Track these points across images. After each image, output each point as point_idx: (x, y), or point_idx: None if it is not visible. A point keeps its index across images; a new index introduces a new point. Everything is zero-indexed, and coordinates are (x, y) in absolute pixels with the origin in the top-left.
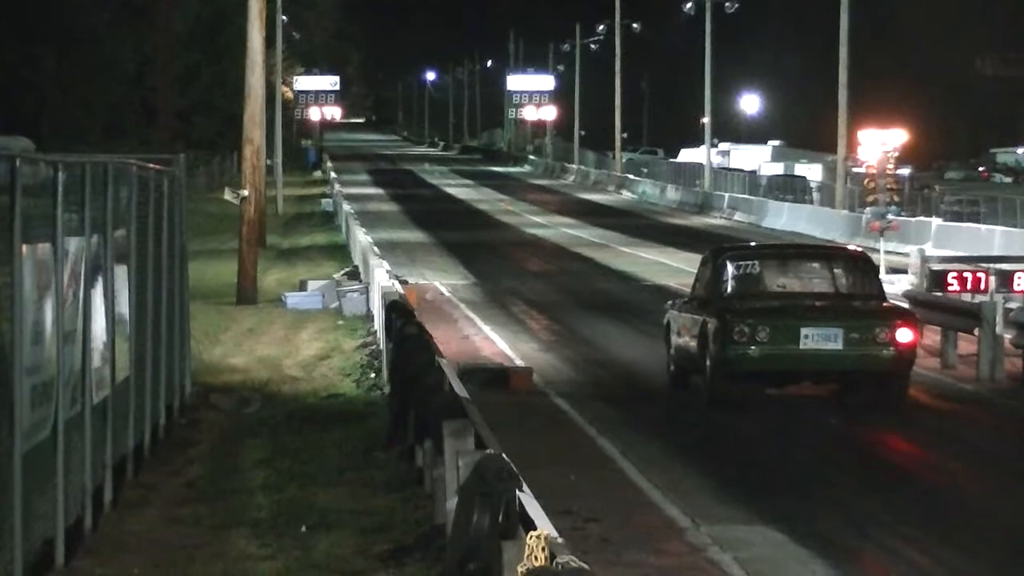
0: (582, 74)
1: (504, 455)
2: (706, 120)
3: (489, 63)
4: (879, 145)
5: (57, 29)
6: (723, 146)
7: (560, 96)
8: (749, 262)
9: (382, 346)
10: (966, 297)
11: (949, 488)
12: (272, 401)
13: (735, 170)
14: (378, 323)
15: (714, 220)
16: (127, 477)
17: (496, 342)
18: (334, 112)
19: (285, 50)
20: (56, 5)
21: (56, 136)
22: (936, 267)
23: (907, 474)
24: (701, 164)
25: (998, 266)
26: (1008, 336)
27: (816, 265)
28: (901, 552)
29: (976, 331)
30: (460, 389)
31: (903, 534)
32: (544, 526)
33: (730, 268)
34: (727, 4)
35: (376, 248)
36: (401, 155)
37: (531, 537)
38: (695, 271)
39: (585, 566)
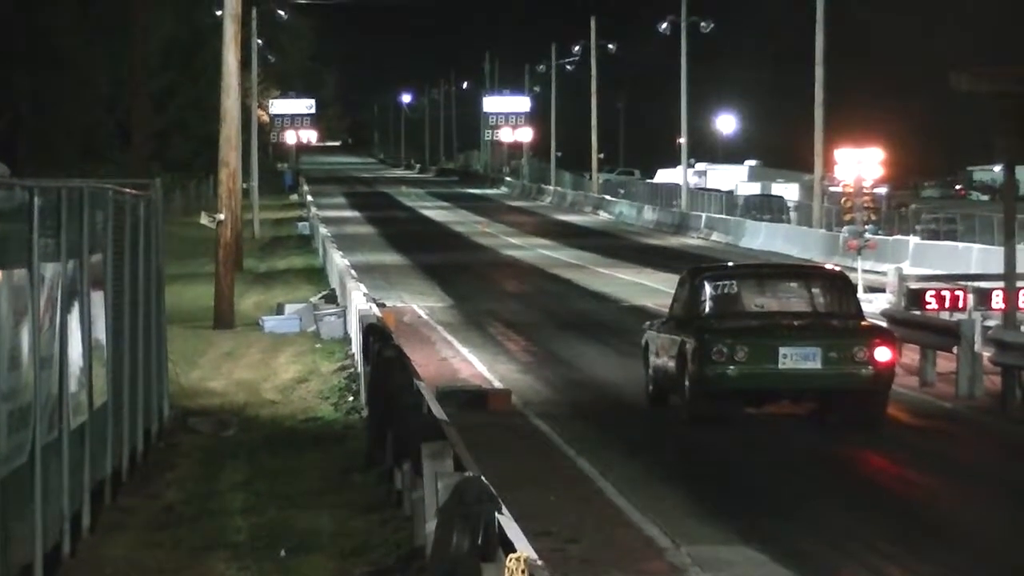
0: (558, 95)
1: (483, 477)
2: (682, 140)
3: (465, 84)
4: (855, 164)
5: (31, 50)
6: (700, 166)
7: (536, 117)
8: (727, 282)
9: (360, 369)
10: (944, 315)
11: (928, 505)
12: (250, 424)
13: (712, 190)
14: (356, 346)
15: (691, 240)
16: (105, 501)
17: (474, 364)
18: (310, 135)
19: (260, 73)
20: (29, 26)
21: (31, 159)
22: (914, 285)
23: (886, 492)
24: (678, 184)
25: (976, 284)
26: (986, 354)
27: (794, 284)
28: (881, 569)
29: (955, 349)
30: (439, 411)
31: (883, 551)
32: (524, 548)
33: (708, 288)
34: (702, 24)
35: (353, 271)
36: (377, 178)
37: (511, 559)
38: (673, 291)
39: None
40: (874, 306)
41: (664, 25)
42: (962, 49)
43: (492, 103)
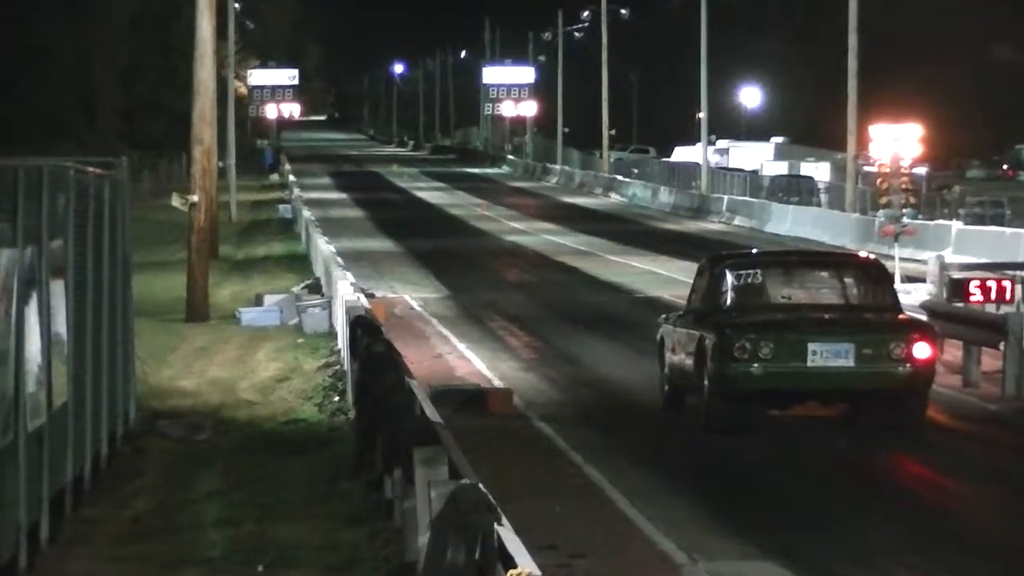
0: (565, 66)
1: (481, 485)
2: (702, 115)
3: (463, 54)
4: (892, 141)
5: None
6: (721, 144)
7: (541, 90)
8: (750, 271)
9: (347, 366)
10: (990, 308)
11: (969, 519)
12: (226, 427)
13: (734, 170)
14: (342, 341)
15: (712, 225)
16: (66, 511)
17: (472, 361)
18: (292, 109)
19: (238, 41)
20: None
21: None
22: (956, 275)
23: (922, 503)
24: (697, 164)
25: None
26: None
27: (824, 274)
28: None
29: (1001, 345)
30: (432, 413)
31: (917, 568)
32: (525, 563)
33: (729, 278)
34: None
35: (340, 258)
36: (367, 156)
37: (511, 575)
38: (691, 282)
39: None
40: (913, 298)
41: None
42: (1001, 14)
43: (492, 74)
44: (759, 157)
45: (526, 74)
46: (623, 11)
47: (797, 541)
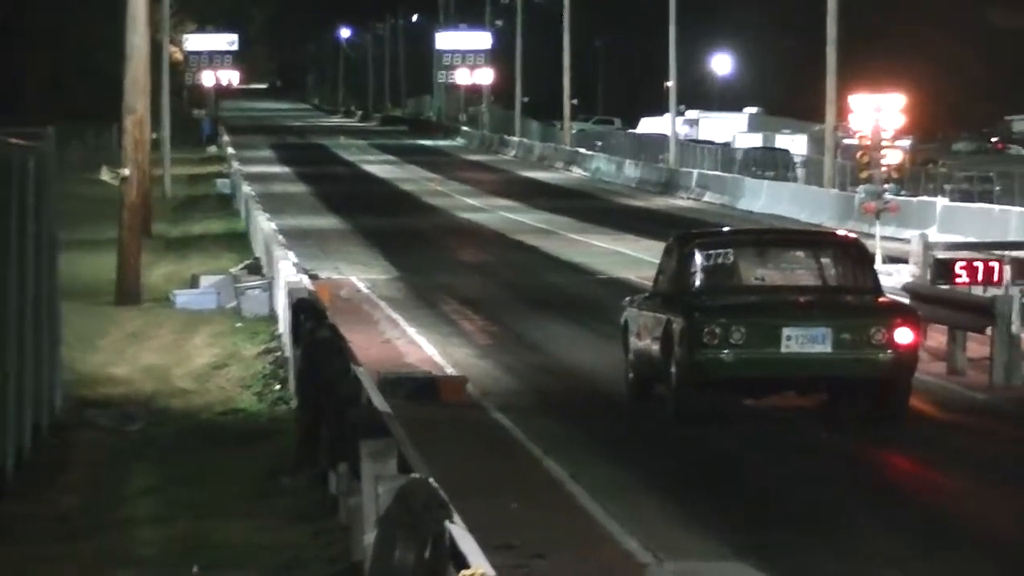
0: (525, 30)
1: (432, 480)
2: (671, 84)
3: (415, 18)
4: (873, 112)
5: None
6: (690, 114)
7: (499, 57)
8: (721, 251)
9: (288, 353)
10: (977, 290)
11: (957, 514)
12: (160, 418)
13: (705, 142)
14: (284, 325)
15: (681, 201)
16: None
17: (423, 347)
18: (232, 76)
19: (174, 4)
20: None
21: None
22: (942, 255)
23: (908, 497)
24: (665, 136)
25: (1014, 253)
26: None
27: (800, 254)
28: None
29: (989, 330)
30: (381, 402)
31: (903, 567)
32: (480, 563)
33: (699, 258)
34: None
35: (282, 237)
36: (312, 127)
37: None
38: (658, 261)
39: None
40: (895, 279)
41: None
42: None
43: (446, 40)
44: (731, 129)
45: (482, 39)
46: None
47: (773, 540)
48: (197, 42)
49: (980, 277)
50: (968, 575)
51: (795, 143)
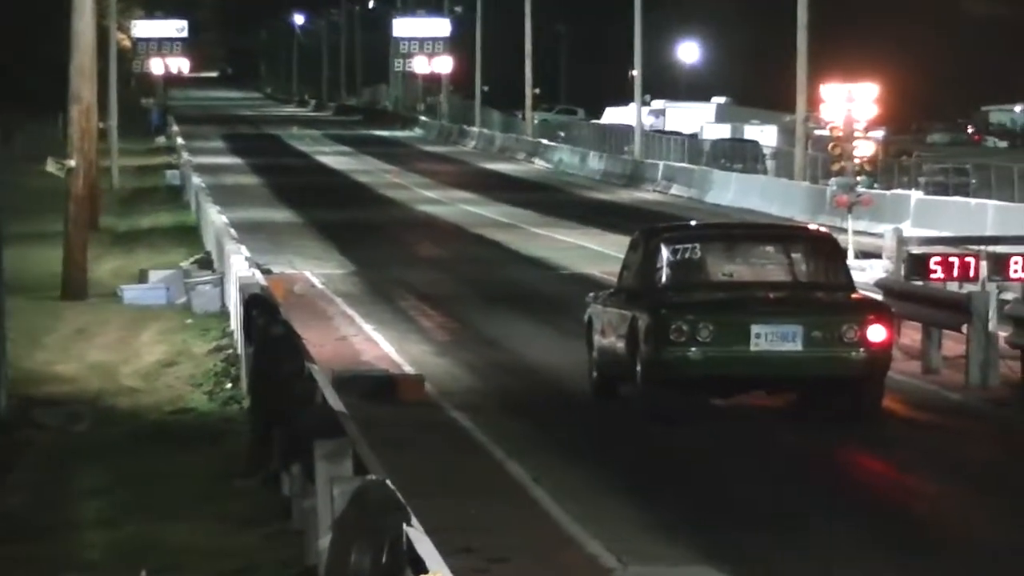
0: (485, 17)
1: (389, 482)
2: (636, 73)
3: (371, 3)
4: (846, 102)
5: None
6: (656, 104)
7: (458, 44)
8: (688, 245)
9: (240, 350)
10: (953, 286)
11: (932, 517)
12: (107, 417)
13: (672, 133)
14: (235, 322)
15: (647, 194)
16: None
17: (380, 344)
18: (181, 64)
19: None
20: None
21: None
22: (916, 250)
23: (881, 501)
24: (630, 126)
25: (991, 248)
26: (1003, 334)
27: (770, 249)
28: None
29: (965, 328)
30: (336, 401)
31: (877, 572)
32: (438, 568)
33: (665, 253)
34: None
35: (233, 230)
36: (264, 116)
37: None
38: (623, 256)
39: None
40: (868, 275)
41: None
42: None
43: (404, 26)
44: (699, 119)
45: (441, 26)
46: None
47: (741, 543)
48: (145, 28)
49: (956, 273)
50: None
51: (765, 134)
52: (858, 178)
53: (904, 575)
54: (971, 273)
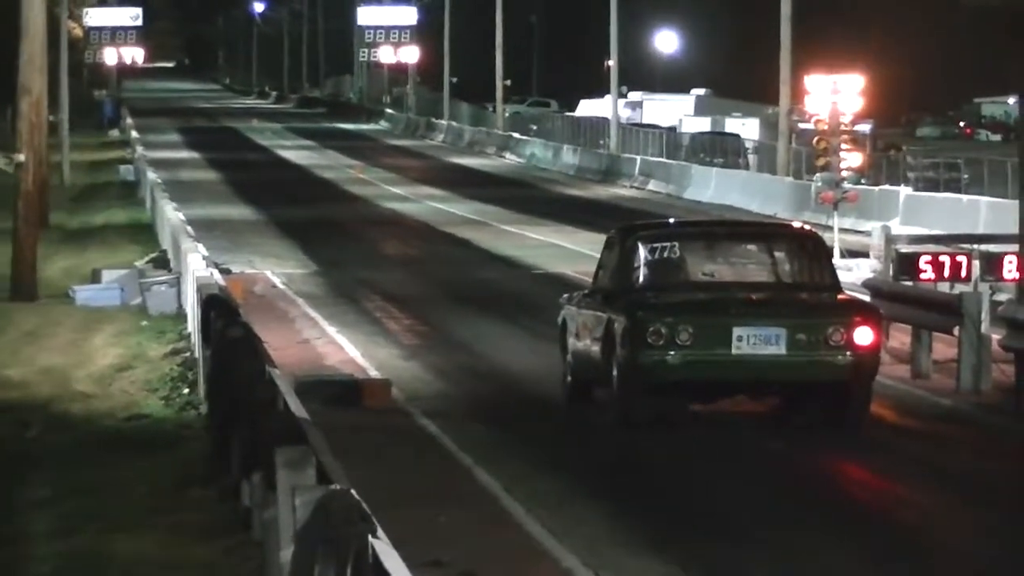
0: (453, 5)
1: (353, 491)
2: (612, 63)
3: None
4: (832, 94)
5: None
6: (633, 96)
7: (426, 33)
8: (667, 244)
9: (198, 353)
10: (943, 287)
11: (922, 530)
12: (58, 424)
13: (649, 126)
14: (193, 324)
15: (623, 190)
16: None
17: (345, 347)
18: (136, 54)
19: None
20: None
21: None
22: (905, 249)
23: (867, 512)
24: (606, 119)
25: (984, 247)
26: (996, 336)
27: (752, 247)
28: None
29: (956, 330)
30: (298, 407)
31: None
32: None
33: (642, 252)
34: None
35: (190, 228)
36: (222, 109)
37: None
38: (598, 255)
39: None
40: (854, 275)
41: None
42: None
43: (368, 15)
44: (677, 112)
45: (407, 15)
46: None
47: (723, 556)
48: (98, 16)
49: (947, 273)
50: None
51: (746, 127)
52: (844, 173)
53: None
54: (963, 273)
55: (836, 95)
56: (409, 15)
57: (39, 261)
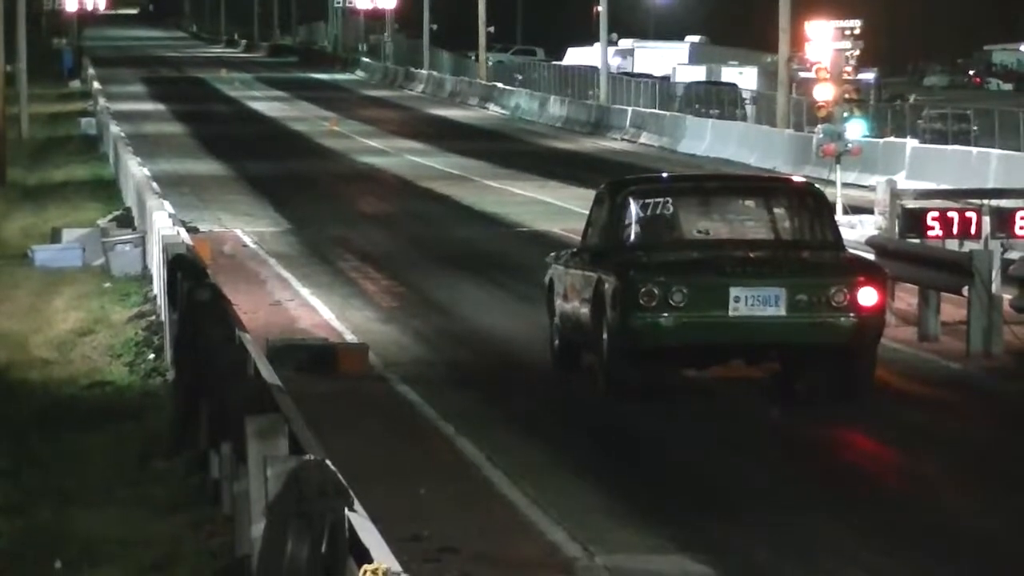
0: None
1: (328, 462)
2: (601, 8)
3: None
4: (834, 40)
5: None
6: (624, 44)
7: None
8: (660, 199)
9: (164, 317)
10: (952, 244)
11: (928, 502)
12: (15, 393)
13: (641, 76)
14: (158, 285)
15: (613, 143)
16: None
17: (319, 310)
18: (97, 1)
19: None
20: None
21: None
22: (911, 204)
23: (872, 484)
24: (595, 68)
25: (995, 202)
26: (1008, 297)
27: (750, 203)
28: None
29: (965, 290)
30: (270, 374)
31: (867, 564)
32: (383, 557)
33: (634, 208)
34: None
35: (156, 184)
36: (189, 58)
37: (365, 572)
38: (587, 212)
39: None
40: (858, 232)
41: None
42: None
43: None
44: (671, 60)
45: None
46: None
47: (718, 531)
48: None
49: (955, 229)
50: (930, 568)
51: (744, 77)
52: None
53: (893, 564)
54: (972, 230)
55: (839, 41)
56: None
57: None
